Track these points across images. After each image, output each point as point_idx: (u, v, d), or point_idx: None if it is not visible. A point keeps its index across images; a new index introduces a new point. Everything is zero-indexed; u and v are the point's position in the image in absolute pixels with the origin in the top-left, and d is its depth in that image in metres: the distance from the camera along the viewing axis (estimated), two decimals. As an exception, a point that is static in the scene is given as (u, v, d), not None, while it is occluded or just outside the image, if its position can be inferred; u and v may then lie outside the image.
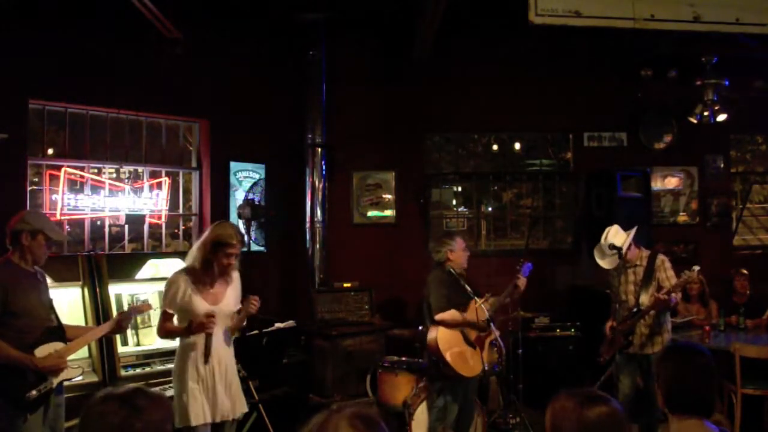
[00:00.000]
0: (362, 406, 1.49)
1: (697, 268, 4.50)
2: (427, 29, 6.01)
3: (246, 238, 5.97)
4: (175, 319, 3.61)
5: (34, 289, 3.54)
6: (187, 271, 3.58)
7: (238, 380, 3.71)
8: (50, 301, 3.68)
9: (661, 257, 4.77)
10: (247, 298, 3.69)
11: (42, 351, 3.43)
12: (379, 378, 5.37)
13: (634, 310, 4.70)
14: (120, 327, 3.81)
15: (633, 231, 4.80)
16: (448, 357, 4.48)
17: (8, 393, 3.33)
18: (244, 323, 3.85)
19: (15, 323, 3.39)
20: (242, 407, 3.68)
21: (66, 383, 3.67)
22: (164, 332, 3.66)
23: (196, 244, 3.63)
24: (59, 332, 3.60)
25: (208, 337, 3.47)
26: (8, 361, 3.31)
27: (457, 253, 4.68)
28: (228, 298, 3.64)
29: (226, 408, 3.55)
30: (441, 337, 4.50)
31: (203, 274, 3.54)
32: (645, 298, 4.63)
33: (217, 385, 3.52)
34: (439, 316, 4.51)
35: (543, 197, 7.63)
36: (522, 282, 4.74)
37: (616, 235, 4.78)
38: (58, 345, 3.52)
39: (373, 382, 5.59)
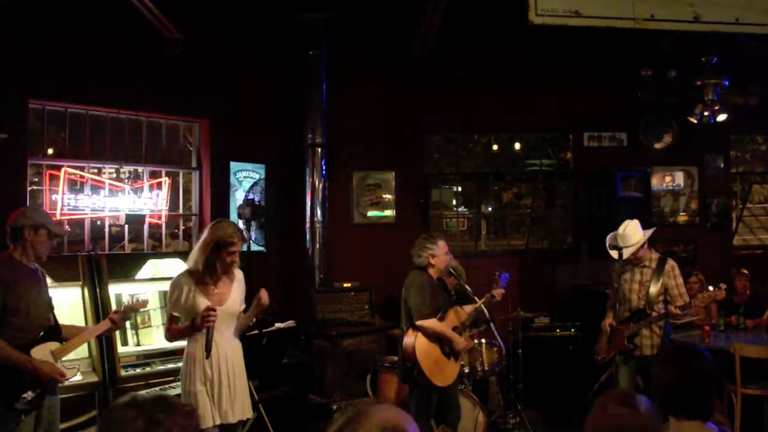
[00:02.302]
0: (385, 408, 1.34)
1: (724, 286, 4.53)
2: (426, 29, 6.01)
3: (245, 236, 6.01)
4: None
5: (34, 287, 3.52)
6: (190, 273, 3.56)
7: (245, 381, 3.67)
8: (50, 299, 3.66)
9: (671, 263, 4.75)
10: (257, 296, 3.67)
11: (38, 351, 3.41)
12: (379, 378, 5.37)
13: (639, 313, 4.70)
14: (116, 325, 3.80)
15: (650, 231, 4.78)
16: (423, 365, 4.32)
17: (2, 394, 3.29)
18: (254, 320, 3.85)
19: (13, 321, 3.37)
20: (249, 409, 3.67)
21: (63, 383, 3.66)
22: (171, 334, 3.65)
23: (197, 246, 3.59)
24: (56, 332, 3.58)
25: (209, 331, 3.41)
26: (6, 361, 3.29)
27: (440, 258, 4.48)
28: (233, 295, 3.62)
29: (234, 408, 3.52)
30: (419, 344, 4.35)
31: (206, 276, 3.52)
32: (653, 294, 4.63)
33: (223, 387, 3.50)
34: (420, 323, 4.35)
35: (543, 197, 7.63)
36: (498, 293, 4.58)
37: (635, 229, 4.75)
38: (55, 345, 3.50)
39: (373, 382, 5.59)
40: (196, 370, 3.47)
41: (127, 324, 4.67)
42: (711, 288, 4.63)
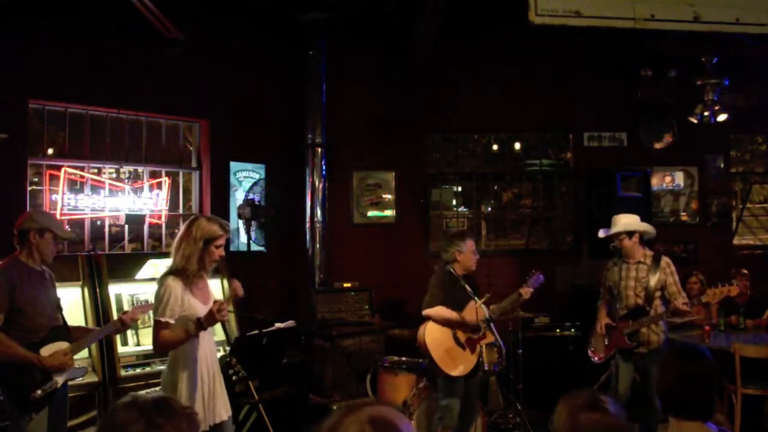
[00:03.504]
0: (380, 405, 1.34)
1: (735, 281, 4.55)
2: (426, 29, 6.01)
3: (245, 237, 6.01)
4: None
5: (41, 288, 3.59)
6: (176, 273, 3.34)
7: (222, 379, 3.60)
8: (57, 300, 3.72)
9: (666, 259, 4.77)
10: (231, 287, 3.65)
11: (47, 350, 3.47)
12: (379, 378, 5.37)
13: (637, 310, 4.71)
14: (124, 326, 3.83)
15: (642, 227, 4.81)
16: (434, 354, 4.43)
17: (14, 392, 3.36)
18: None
19: (22, 321, 3.44)
20: (229, 407, 3.58)
21: (69, 383, 3.69)
22: (165, 344, 3.28)
23: (182, 245, 3.36)
24: (64, 332, 3.63)
25: (225, 326, 3.34)
26: (16, 360, 3.35)
27: (466, 255, 4.60)
28: (212, 293, 3.54)
29: (222, 409, 3.49)
30: (429, 334, 4.47)
31: (195, 274, 3.37)
32: (651, 290, 4.65)
33: (215, 387, 3.47)
34: (426, 312, 4.49)
35: (543, 197, 7.63)
36: (527, 292, 4.66)
37: (628, 217, 4.82)
38: (64, 344, 3.56)
39: (373, 382, 5.59)
40: (195, 374, 3.35)
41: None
42: (719, 285, 4.61)
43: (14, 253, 3.59)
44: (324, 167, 6.72)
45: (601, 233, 4.96)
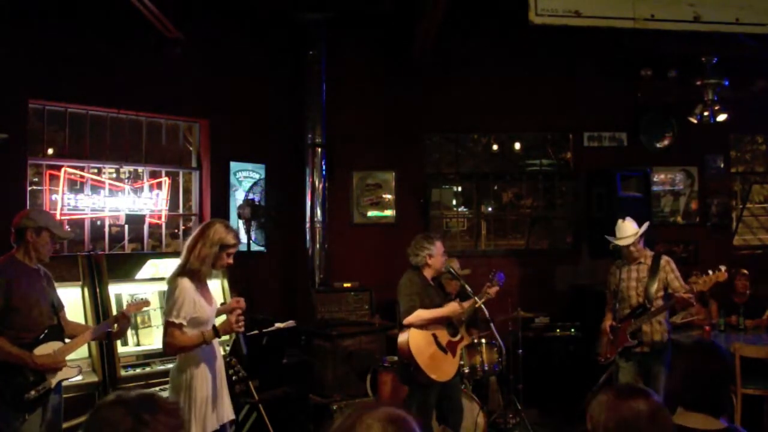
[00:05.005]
0: (390, 405, 1.38)
1: (724, 267, 4.52)
2: (427, 29, 6.01)
3: (245, 237, 6.00)
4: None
5: (37, 286, 3.58)
6: (189, 274, 3.37)
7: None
8: (52, 300, 3.68)
9: (665, 258, 4.80)
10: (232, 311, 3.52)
11: (41, 350, 3.46)
12: (379, 378, 5.37)
13: (639, 309, 4.71)
14: (119, 324, 3.82)
15: (644, 227, 4.81)
16: (419, 360, 4.31)
17: (7, 393, 3.34)
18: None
19: (17, 319, 3.42)
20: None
21: (65, 383, 3.68)
22: (177, 346, 3.24)
23: (198, 247, 3.38)
24: (59, 332, 3.61)
25: (239, 335, 3.38)
26: (7, 358, 3.33)
27: (436, 258, 4.50)
28: (213, 295, 3.58)
29: (228, 410, 3.51)
30: (412, 339, 4.35)
31: (205, 276, 3.44)
32: (652, 291, 4.65)
33: (222, 389, 3.48)
34: (407, 321, 4.36)
35: (543, 197, 7.64)
36: (493, 290, 4.57)
37: (630, 224, 4.79)
38: (57, 344, 3.54)
39: (373, 382, 5.59)
40: (202, 376, 3.35)
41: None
42: (708, 273, 4.58)
43: (11, 251, 3.57)
44: (324, 167, 6.72)
45: (613, 242, 4.91)
